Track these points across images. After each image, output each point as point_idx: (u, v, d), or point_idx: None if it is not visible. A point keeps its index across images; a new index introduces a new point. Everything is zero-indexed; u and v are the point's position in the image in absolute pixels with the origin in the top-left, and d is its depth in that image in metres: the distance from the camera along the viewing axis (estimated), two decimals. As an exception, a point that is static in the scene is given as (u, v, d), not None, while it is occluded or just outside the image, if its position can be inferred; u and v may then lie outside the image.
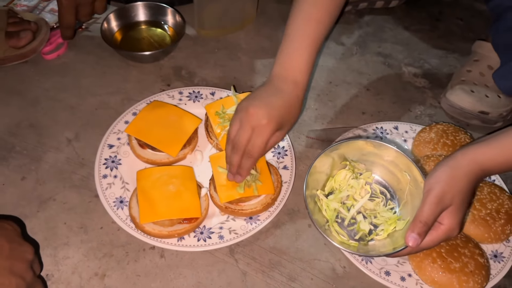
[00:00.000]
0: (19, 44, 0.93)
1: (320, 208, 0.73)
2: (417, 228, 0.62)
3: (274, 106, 0.72)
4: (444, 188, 0.63)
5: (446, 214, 0.64)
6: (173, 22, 1.02)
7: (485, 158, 0.67)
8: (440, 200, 0.63)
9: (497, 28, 0.83)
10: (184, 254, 0.73)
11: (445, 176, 0.65)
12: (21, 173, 0.80)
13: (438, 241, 0.65)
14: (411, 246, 0.62)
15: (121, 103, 0.91)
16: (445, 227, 0.64)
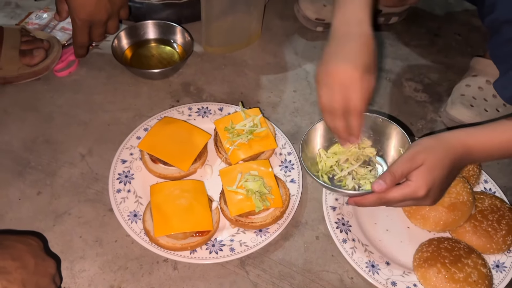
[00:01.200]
0: (33, 62, 0.96)
1: (318, 162, 0.79)
2: (384, 177, 0.66)
3: (350, 54, 0.70)
4: (419, 149, 0.67)
5: (415, 172, 0.67)
6: (181, 40, 1.05)
7: (467, 136, 0.70)
8: (412, 157, 0.67)
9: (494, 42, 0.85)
10: (196, 266, 0.75)
11: (424, 142, 0.69)
12: (37, 188, 0.83)
13: (403, 196, 0.67)
14: (376, 190, 0.66)
15: (132, 119, 0.93)
16: (413, 183, 0.66)
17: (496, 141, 0.70)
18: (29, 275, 0.58)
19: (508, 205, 0.81)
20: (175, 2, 1.08)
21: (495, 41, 0.85)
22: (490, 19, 0.82)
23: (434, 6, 1.26)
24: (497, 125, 0.70)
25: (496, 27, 0.82)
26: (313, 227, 0.81)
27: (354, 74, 0.69)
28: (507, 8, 0.79)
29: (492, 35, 0.86)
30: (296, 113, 0.98)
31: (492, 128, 0.70)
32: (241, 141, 0.85)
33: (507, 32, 0.79)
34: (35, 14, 1.09)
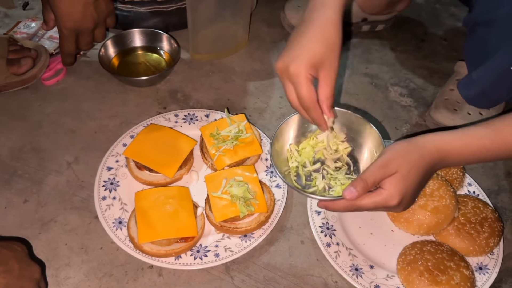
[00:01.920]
0: (20, 71, 0.97)
1: (288, 158, 0.79)
2: (356, 183, 0.64)
3: (301, 45, 0.67)
4: (393, 155, 0.65)
5: (388, 180, 0.65)
6: (168, 47, 1.06)
7: (443, 140, 0.67)
8: (385, 164, 0.65)
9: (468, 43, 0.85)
10: (181, 273, 0.76)
11: (398, 147, 0.67)
12: (23, 196, 0.83)
13: (375, 204, 0.65)
14: (346, 197, 0.64)
15: (119, 126, 0.94)
16: (386, 192, 0.65)
17: (473, 147, 0.67)
18: (13, 280, 0.59)
19: (491, 208, 0.82)
20: (162, 10, 1.09)
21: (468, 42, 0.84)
22: (467, 18, 0.82)
23: (420, 11, 1.28)
24: (473, 131, 0.68)
25: (471, 27, 0.82)
26: (298, 231, 0.82)
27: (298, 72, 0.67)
28: (482, 10, 0.79)
29: (467, 37, 0.86)
30: (282, 118, 0.99)
31: (468, 133, 0.68)
32: (226, 147, 0.85)
33: (479, 33, 0.79)
34: (24, 23, 1.10)
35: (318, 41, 0.67)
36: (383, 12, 1.10)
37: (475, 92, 0.77)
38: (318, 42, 0.67)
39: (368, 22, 1.10)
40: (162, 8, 1.08)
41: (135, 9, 1.08)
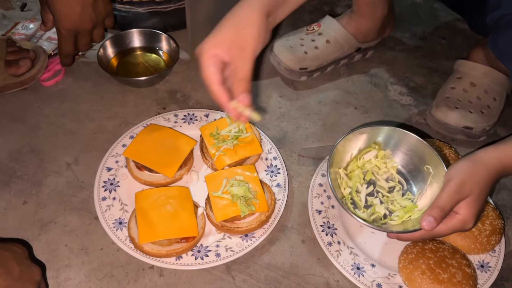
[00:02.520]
0: (19, 72, 0.96)
1: (340, 185, 0.76)
2: (434, 212, 0.64)
3: (213, 33, 0.69)
4: (464, 178, 0.66)
5: (463, 204, 0.66)
6: (167, 48, 1.06)
7: (504, 154, 0.69)
8: (459, 189, 0.65)
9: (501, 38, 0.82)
10: (182, 273, 0.75)
11: (466, 167, 0.67)
12: (23, 198, 0.83)
13: (452, 230, 0.66)
14: (426, 228, 0.64)
15: (118, 127, 0.94)
16: (461, 216, 0.66)
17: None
18: (13, 282, 0.59)
19: (492, 206, 0.82)
20: (161, 10, 1.09)
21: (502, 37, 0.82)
22: (495, 16, 0.80)
23: (418, 10, 1.28)
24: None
25: (503, 24, 0.80)
26: (299, 231, 0.82)
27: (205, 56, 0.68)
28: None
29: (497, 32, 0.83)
30: (282, 118, 0.99)
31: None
32: (226, 147, 0.85)
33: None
34: (22, 24, 1.09)
35: (229, 28, 0.68)
36: (375, 38, 1.09)
37: None
38: (229, 29, 0.68)
39: (360, 51, 1.09)
40: (160, 8, 1.08)
41: (133, 9, 1.07)
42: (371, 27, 1.05)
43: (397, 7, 1.23)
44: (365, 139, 0.78)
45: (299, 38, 1.04)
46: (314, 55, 1.02)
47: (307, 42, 1.03)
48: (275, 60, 1.04)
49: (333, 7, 1.25)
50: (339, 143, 0.75)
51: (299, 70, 1.03)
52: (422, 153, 0.75)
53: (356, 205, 0.77)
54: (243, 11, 0.70)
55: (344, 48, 1.05)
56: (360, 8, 1.02)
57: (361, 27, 1.04)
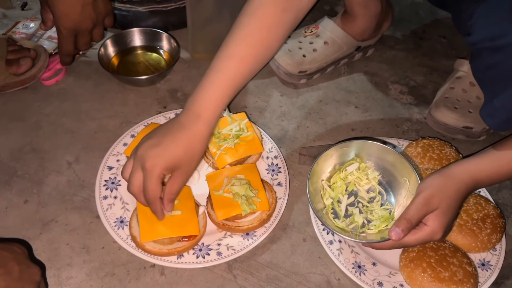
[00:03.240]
0: (19, 71, 0.96)
1: (322, 196, 0.78)
2: (401, 224, 0.66)
3: (165, 146, 0.69)
4: (433, 192, 0.68)
5: (431, 216, 0.68)
6: (168, 47, 1.06)
7: (476, 169, 0.72)
8: (427, 202, 0.67)
9: (476, 65, 0.85)
10: (183, 271, 0.75)
11: (436, 182, 0.69)
12: (24, 197, 0.83)
13: (420, 241, 0.69)
14: (393, 239, 0.66)
15: (119, 126, 0.94)
16: (429, 228, 0.68)
17: (503, 170, 0.72)
18: (13, 282, 0.59)
19: (493, 204, 0.82)
20: (162, 9, 1.09)
21: (476, 64, 0.85)
22: (469, 41, 0.81)
23: (418, 9, 1.28)
24: (502, 155, 0.72)
25: (476, 51, 0.82)
26: (300, 229, 0.82)
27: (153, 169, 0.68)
28: (483, 35, 0.78)
29: (472, 57, 0.86)
30: (283, 117, 0.99)
31: (498, 158, 0.72)
32: (227, 146, 0.85)
33: (488, 59, 0.79)
34: (22, 23, 1.09)
35: (181, 148, 0.70)
36: (373, 36, 1.09)
37: (501, 119, 0.79)
38: (181, 149, 0.70)
39: (360, 50, 1.09)
40: (161, 7, 1.08)
41: (134, 8, 1.07)
42: (367, 25, 1.05)
43: (397, 6, 1.24)
44: (347, 152, 0.80)
45: (297, 41, 1.04)
46: (312, 58, 1.02)
47: (305, 45, 1.03)
48: (274, 64, 1.04)
49: (333, 6, 1.25)
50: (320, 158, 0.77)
51: (298, 74, 1.03)
52: (401, 166, 0.76)
53: (337, 215, 0.77)
54: (194, 136, 0.72)
55: (343, 48, 1.05)
56: (353, 8, 1.02)
57: (357, 27, 1.04)
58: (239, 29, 0.75)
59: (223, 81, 0.73)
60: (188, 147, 0.71)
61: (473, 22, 0.79)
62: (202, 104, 0.72)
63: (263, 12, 0.74)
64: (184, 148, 0.70)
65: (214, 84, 0.73)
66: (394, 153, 0.77)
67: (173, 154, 0.70)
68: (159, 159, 0.68)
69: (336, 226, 0.75)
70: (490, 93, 0.80)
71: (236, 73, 0.74)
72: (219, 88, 0.73)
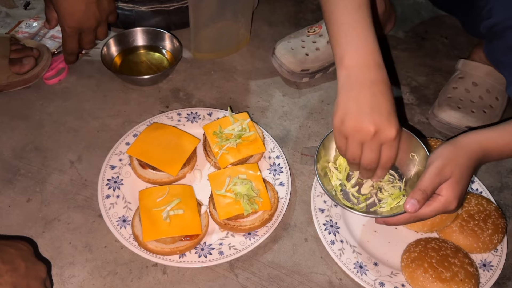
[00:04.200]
0: (22, 70, 0.96)
1: (330, 178, 0.78)
2: (416, 195, 0.66)
3: (380, 108, 0.67)
4: (444, 162, 0.68)
5: (445, 186, 0.68)
6: (170, 46, 1.06)
7: (486, 139, 0.71)
8: (440, 171, 0.67)
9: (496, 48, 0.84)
10: (185, 270, 0.76)
11: (446, 151, 0.69)
12: (26, 195, 0.83)
13: (435, 211, 0.68)
14: (409, 211, 0.66)
15: (122, 125, 0.94)
16: (443, 198, 0.68)
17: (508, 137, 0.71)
18: (19, 278, 0.59)
19: (495, 205, 0.82)
20: (164, 9, 1.09)
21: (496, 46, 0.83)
22: (488, 25, 0.81)
23: (420, 10, 1.28)
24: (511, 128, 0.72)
25: (496, 32, 0.82)
26: (301, 229, 0.82)
27: (394, 136, 0.68)
28: (506, 14, 0.78)
29: (491, 41, 0.85)
30: (285, 117, 0.99)
31: (506, 131, 0.72)
32: (229, 145, 0.85)
33: (510, 38, 0.79)
34: (25, 22, 1.09)
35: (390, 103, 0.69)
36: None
37: None
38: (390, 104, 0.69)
39: None
40: (163, 7, 1.08)
41: (136, 8, 1.08)
42: None
43: (399, 6, 1.24)
44: None
45: (300, 40, 1.04)
46: (315, 56, 1.02)
47: (308, 44, 1.03)
48: (276, 62, 1.04)
49: (335, 7, 1.25)
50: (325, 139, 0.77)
51: (300, 72, 1.03)
52: (407, 142, 0.76)
53: (347, 195, 0.78)
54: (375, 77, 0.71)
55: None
56: None
57: None
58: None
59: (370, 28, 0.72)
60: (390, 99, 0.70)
61: (492, 5, 0.80)
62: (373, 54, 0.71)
63: None
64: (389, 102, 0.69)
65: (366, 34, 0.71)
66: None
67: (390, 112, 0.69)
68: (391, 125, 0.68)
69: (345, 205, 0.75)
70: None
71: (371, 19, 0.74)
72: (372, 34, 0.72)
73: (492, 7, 0.80)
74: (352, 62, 0.70)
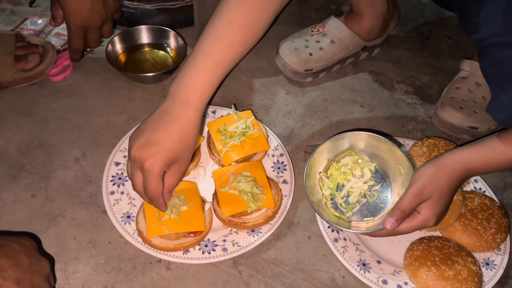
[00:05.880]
0: (27, 67, 0.97)
1: (321, 187, 0.79)
2: (395, 214, 0.69)
3: (159, 142, 0.68)
4: (425, 182, 0.69)
5: (424, 205, 0.70)
6: (175, 44, 1.07)
7: (470, 158, 0.73)
8: (420, 192, 0.69)
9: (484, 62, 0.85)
10: (189, 267, 0.76)
11: (429, 171, 0.71)
12: (31, 191, 0.83)
13: (413, 228, 0.71)
14: (388, 228, 0.69)
15: (126, 122, 0.94)
16: (422, 217, 0.70)
17: (496, 161, 0.73)
18: (23, 274, 0.59)
19: (498, 204, 0.82)
20: (169, 7, 1.09)
21: (484, 61, 0.85)
22: (475, 38, 0.82)
23: (424, 10, 1.28)
24: (495, 145, 0.73)
25: (483, 47, 0.82)
26: (305, 227, 0.82)
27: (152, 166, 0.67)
28: (490, 31, 0.78)
29: (480, 54, 0.86)
30: (288, 115, 0.99)
31: (491, 149, 0.73)
32: (233, 143, 0.86)
33: (494, 55, 0.79)
34: (30, 20, 1.10)
35: (176, 141, 0.69)
36: (379, 35, 1.09)
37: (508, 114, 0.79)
38: (177, 141, 0.69)
39: (367, 49, 1.09)
40: (168, 5, 1.09)
41: (141, 6, 1.08)
42: (373, 24, 1.05)
43: (403, 6, 1.24)
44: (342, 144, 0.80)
45: (304, 40, 1.04)
46: (319, 56, 1.02)
47: (312, 44, 1.04)
48: (280, 62, 1.04)
49: (339, 6, 1.26)
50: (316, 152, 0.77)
51: (304, 72, 1.03)
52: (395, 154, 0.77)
53: (336, 205, 0.78)
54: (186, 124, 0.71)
55: (349, 47, 1.05)
56: (359, 7, 1.02)
57: (363, 26, 1.04)
58: (225, 11, 0.74)
59: (212, 65, 0.71)
60: (182, 138, 0.70)
61: (480, 19, 0.80)
62: (190, 90, 0.70)
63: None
64: (178, 141, 0.69)
65: (201, 68, 0.70)
66: (386, 142, 0.77)
67: (169, 149, 0.68)
68: (156, 158, 0.67)
69: (333, 215, 0.76)
70: (498, 89, 0.80)
71: (224, 57, 0.72)
72: (207, 73, 0.71)
73: (480, 20, 0.80)
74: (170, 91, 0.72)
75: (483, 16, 0.79)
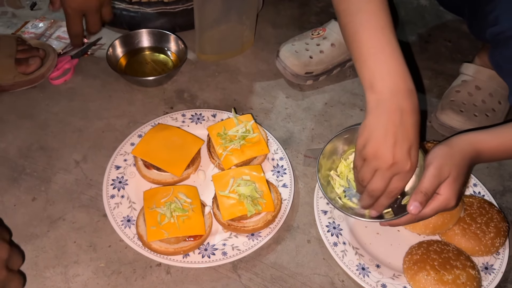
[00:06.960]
0: (28, 70, 0.97)
1: (333, 186, 0.79)
2: (419, 197, 0.68)
3: (404, 140, 0.67)
4: (442, 161, 0.69)
5: (444, 185, 0.70)
6: (175, 48, 1.07)
7: (478, 141, 0.73)
8: (438, 172, 0.69)
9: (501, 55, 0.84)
10: (189, 270, 0.76)
11: (442, 152, 0.71)
12: (32, 194, 0.84)
13: (436, 210, 0.70)
14: (413, 213, 0.68)
15: (126, 126, 0.95)
16: (443, 197, 0.70)
17: (504, 146, 0.73)
18: None
19: (497, 208, 0.83)
20: (169, 10, 1.09)
21: (501, 54, 0.84)
22: (494, 32, 0.82)
23: (424, 13, 1.28)
24: (505, 131, 0.74)
25: (501, 40, 0.82)
26: (304, 231, 0.83)
27: (410, 170, 0.68)
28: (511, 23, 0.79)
29: (496, 47, 0.85)
30: (288, 119, 1.00)
31: (501, 133, 0.74)
32: (233, 147, 0.86)
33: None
34: (31, 23, 1.10)
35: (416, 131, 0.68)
36: None
37: None
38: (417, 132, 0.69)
39: None
40: (169, 9, 1.09)
41: (142, 9, 1.08)
42: None
43: (402, 9, 1.24)
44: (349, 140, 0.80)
45: (304, 43, 1.05)
46: (319, 59, 1.03)
47: (312, 47, 1.04)
48: (280, 65, 1.04)
49: (339, 9, 1.26)
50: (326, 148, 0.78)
51: (304, 75, 1.03)
52: None
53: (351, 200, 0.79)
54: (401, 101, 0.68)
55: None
56: None
57: None
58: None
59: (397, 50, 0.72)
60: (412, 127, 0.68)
61: (498, 13, 0.81)
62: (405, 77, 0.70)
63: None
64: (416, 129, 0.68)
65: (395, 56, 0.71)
66: None
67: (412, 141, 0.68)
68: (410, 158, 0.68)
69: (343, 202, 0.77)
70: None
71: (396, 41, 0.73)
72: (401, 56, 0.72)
73: (498, 14, 0.81)
74: (384, 87, 0.68)
75: (502, 9, 0.80)
